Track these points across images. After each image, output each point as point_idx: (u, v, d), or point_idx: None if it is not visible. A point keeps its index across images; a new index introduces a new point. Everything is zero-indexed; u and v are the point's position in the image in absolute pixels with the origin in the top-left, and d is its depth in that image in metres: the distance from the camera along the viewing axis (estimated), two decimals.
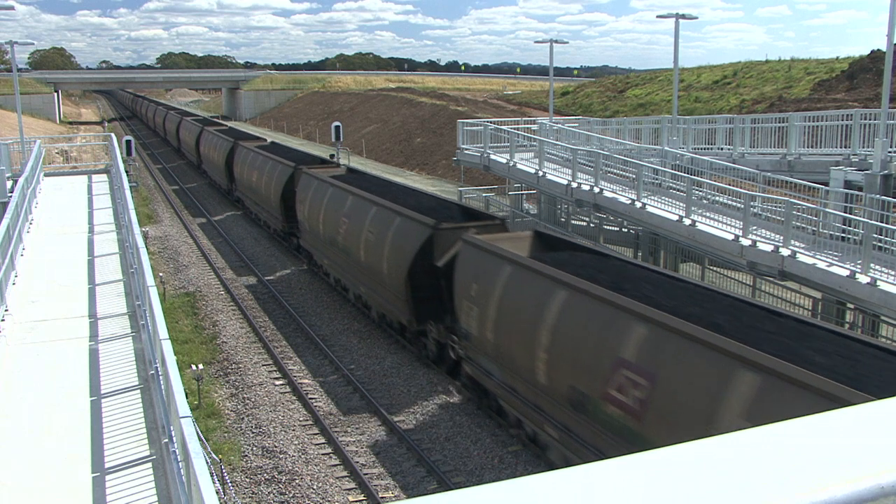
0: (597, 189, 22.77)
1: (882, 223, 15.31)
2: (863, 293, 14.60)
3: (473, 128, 31.44)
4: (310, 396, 18.27)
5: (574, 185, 23.79)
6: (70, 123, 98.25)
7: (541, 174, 25.98)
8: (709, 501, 1.16)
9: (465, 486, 1.68)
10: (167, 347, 8.84)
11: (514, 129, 30.50)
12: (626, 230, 27.10)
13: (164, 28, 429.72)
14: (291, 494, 14.09)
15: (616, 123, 34.70)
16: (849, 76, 44.98)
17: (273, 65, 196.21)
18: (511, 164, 27.91)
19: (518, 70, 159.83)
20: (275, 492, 14.18)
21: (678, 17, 26.41)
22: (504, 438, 15.98)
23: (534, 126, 32.37)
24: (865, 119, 21.32)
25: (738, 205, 18.17)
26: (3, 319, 13.00)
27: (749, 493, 1.16)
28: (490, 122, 31.58)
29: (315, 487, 14.33)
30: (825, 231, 16.40)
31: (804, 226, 17.06)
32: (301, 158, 34.48)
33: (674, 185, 21.27)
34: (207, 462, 6.57)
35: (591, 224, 28.73)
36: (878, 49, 42.75)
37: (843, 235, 16.03)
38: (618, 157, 23.90)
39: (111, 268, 16.72)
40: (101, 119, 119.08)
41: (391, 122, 72.91)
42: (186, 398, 7.76)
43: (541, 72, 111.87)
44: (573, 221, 30.02)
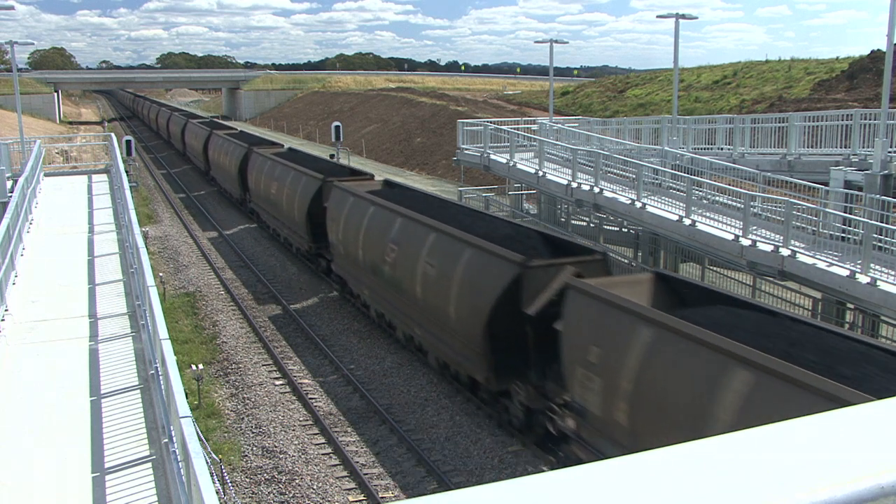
0: (597, 189, 22.78)
1: (882, 223, 15.32)
2: (863, 293, 14.61)
3: (473, 128, 31.46)
4: (310, 396, 18.27)
5: (574, 185, 23.80)
6: (70, 123, 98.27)
7: (541, 174, 25.98)
8: (709, 501, 1.16)
9: (465, 486, 1.68)
10: (167, 347, 8.84)
11: (514, 129, 30.52)
12: (626, 230, 27.10)
13: (164, 28, 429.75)
14: (291, 494, 14.09)
15: (616, 123, 34.72)
16: (849, 76, 44.98)
17: (273, 65, 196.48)
18: (511, 164, 27.92)
19: (518, 70, 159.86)
20: (275, 492, 14.18)
21: (678, 17, 26.42)
22: (504, 438, 15.99)
23: (534, 126, 32.39)
24: (865, 119, 21.33)
25: (738, 205, 18.17)
26: (3, 319, 13.00)
27: (749, 493, 1.16)
28: (490, 122, 31.61)
29: (315, 487, 14.33)
30: (825, 231, 16.40)
31: (804, 226, 17.06)
32: (328, 169, 30.23)
33: (674, 185, 21.28)
34: (207, 462, 6.57)
35: (591, 224, 28.74)
36: (878, 49, 42.75)
37: (843, 235, 16.04)
38: (618, 157, 23.91)
39: (111, 268, 16.72)
40: (101, 119, 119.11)
41: (391, 122, 72.93)
42: (186, 398, 7.77)
43: (541, 72, 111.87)
44: (573, 221, 30.03)
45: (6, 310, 13.37)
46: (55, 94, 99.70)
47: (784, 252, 16.19)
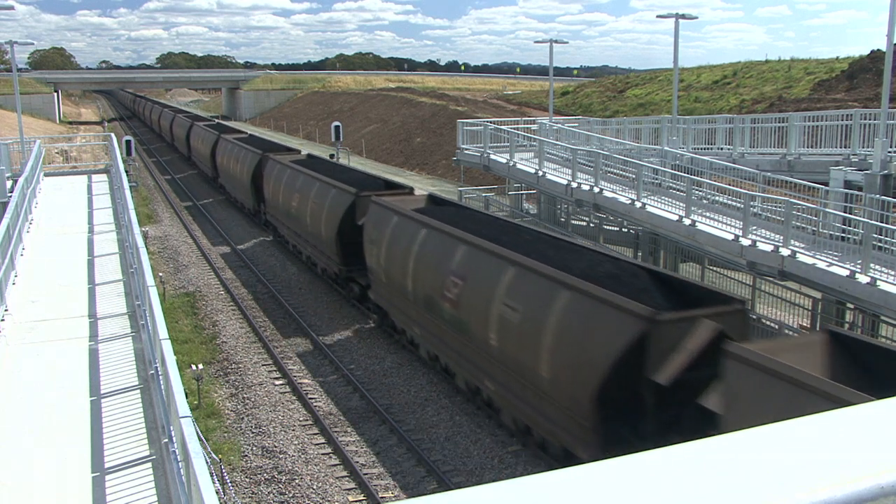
0: (597, 189, 22.78)
1: (882, 223, 15.32)
2: (863, 293, 14.61)
3: (473, 128, 31.46)
4: (310, 396, 18.27)
5: (574, 185, 23.80)
6: (70, 123, 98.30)
7: (541, 174, 25.99)
8: (709, 501, 1.16)
9: (465, 486, 1.68)
10: (167, 347, 8.85)
11: (514, 129, 30.52)
12: (626, 230, 27.11)
13: (164, 28, 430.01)
14: (291, 494, 14.10)
15: (616, 123, 34.73)
16: (849, 76, 45.01)
17: (273, 65, 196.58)
18: (511, 164, 27.92)
19: (518, 70, 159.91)
20: (275, 492, 14.18)
21: (678, 17, 26.43)
22: (504, 438, 15.99)
23: (534, 126, 32.40)
24: (865, 119, 21.34)
25: (738, 205, 18.18)
26: (3, 319, 13.01)
27: (749, 493, 1.16)
28: (490, 122, 31.61)
29: (315, 487, 14.34)
30: (825, 231, 16.41)
31: (804, 226, 17.06)
32: (360, 180, 26.65)
33: (674, 185, 21.28)
34: (207, 462, 6.57)
35: (591, 224, 28.74)
36: (878, 49, 42.77)
37: (843, 235, 16.04)
38: (618, 157, 23.91)
39: (111, 268, 16.73)
40: (101, 119, 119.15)
41: (391, 122, 72.95)
42: (186, 398, 7.77)
43: (541, 72, 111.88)
44: (573, 221, 30.03)
45: (6, 310, 13.38)
46: (55, 94, 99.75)
47: (784, 252, 16.19)
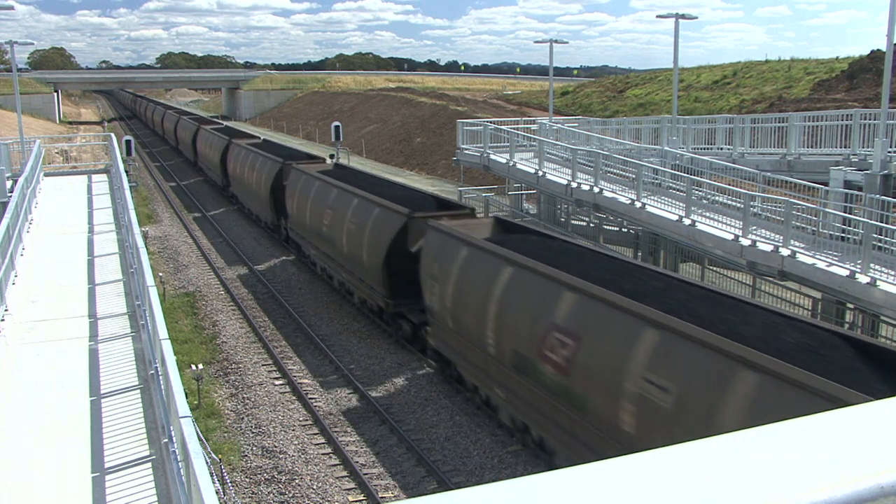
0: (597, 189, 22.78)
1: (882, 223, 15.32)
2: (862, 293, 14.61)
3: (473, 128, 31.46)
4: (310, 396, 18.27)
5: (574, 185, 23.80)
6: (70, 123, 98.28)
7: (541, 174, 25.99)
8: (709, 501, 1.16)
9: (465, 486, 1.68)
10: (167, 347, 8.85)
11: (514, 129, 30.52)
12: (626, 230, 27.11)
13: (164, 28, 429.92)
14: (291, 494, 14.10)
15: (616, 123, 34.74)
16: (849, 76, 44.99)
17: (273, 65, 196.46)
18: (511, 164, 27.92)
19: (518, 70, 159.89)
20: (275, 492, 14.18)
21: (678, 17, 26.44)
22: (504, 438, 15.99)
23: (533, 126, 32.40)
24: (865, 119, 21.34)
25: (738, 205, 18.18)
26: (3, 319, 13.01)
27: (749, 493, 1.16)
28: (490, 122, 31.62)
29: (315, 487, 14.34)
30: (825, 231, 16.41)
31: (804, 226, 17.07)
32: (410, 199, 22.53)
33: (674, 185, 21.29)
34: (207, 462, 6.57)
35: (591, 224, 28.74)
36: (878, 49, 42.76)
37: (843, 235, 16.04)
38: (618, 157, 23.92)
39: (111, 268, 16.72)
40: (101, 119, 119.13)
41: (391, 122, 72.95)
42: (186, 398, 7.77)
43: (541, 72, 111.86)
44: (573, 221, 30.03)
45: (6, 310, 13.38)
46: (55, 94, 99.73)
47: (784, 252, 16.19)
